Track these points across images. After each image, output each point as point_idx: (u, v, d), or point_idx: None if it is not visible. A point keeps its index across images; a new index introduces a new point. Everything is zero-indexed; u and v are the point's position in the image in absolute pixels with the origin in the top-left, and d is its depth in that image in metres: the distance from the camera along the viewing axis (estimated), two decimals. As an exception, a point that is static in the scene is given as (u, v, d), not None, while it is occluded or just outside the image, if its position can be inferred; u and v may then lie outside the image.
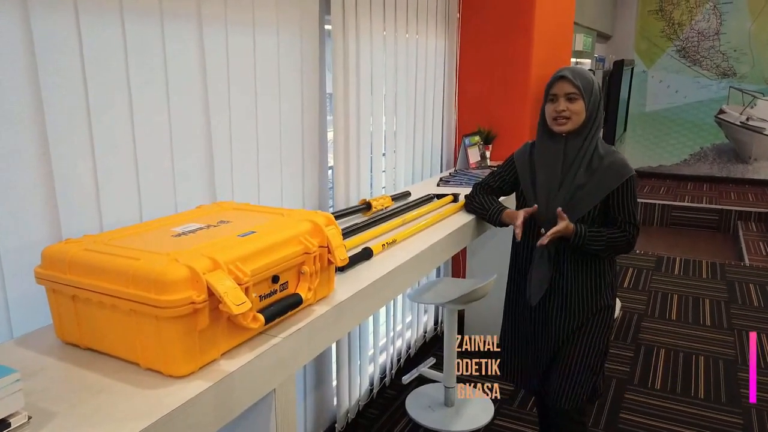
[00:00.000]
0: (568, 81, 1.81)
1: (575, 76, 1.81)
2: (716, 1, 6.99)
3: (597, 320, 1.91)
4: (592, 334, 1.91)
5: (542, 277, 1.91)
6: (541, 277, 1.92)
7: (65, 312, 1.11)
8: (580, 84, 1.80)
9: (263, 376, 1.13)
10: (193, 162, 1.63)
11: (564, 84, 1.82)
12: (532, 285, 1.95)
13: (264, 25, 1.82)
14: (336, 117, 2.22)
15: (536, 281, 1.93)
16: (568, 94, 1.81)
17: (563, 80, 1.82)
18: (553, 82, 1.85)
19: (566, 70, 1.83)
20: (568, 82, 1.81)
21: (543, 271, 1.91)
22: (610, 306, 1.93)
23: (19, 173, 1.22)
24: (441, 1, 3.01)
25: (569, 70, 1.84)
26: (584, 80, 1.82)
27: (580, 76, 1.82)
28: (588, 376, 1.90)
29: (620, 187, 1.82)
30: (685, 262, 4.88)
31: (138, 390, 0.98)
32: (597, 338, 1.91)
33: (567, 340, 1.93)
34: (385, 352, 2.95)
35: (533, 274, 1.94)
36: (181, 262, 1.00)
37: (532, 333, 2.01)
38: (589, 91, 1.83)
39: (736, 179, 7.31)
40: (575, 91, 1.80)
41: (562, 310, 1.92)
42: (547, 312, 1.95)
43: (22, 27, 1.19)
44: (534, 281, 1.94)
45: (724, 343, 3.40)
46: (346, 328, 1.39)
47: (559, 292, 1.92)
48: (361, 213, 2.09)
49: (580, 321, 1.91)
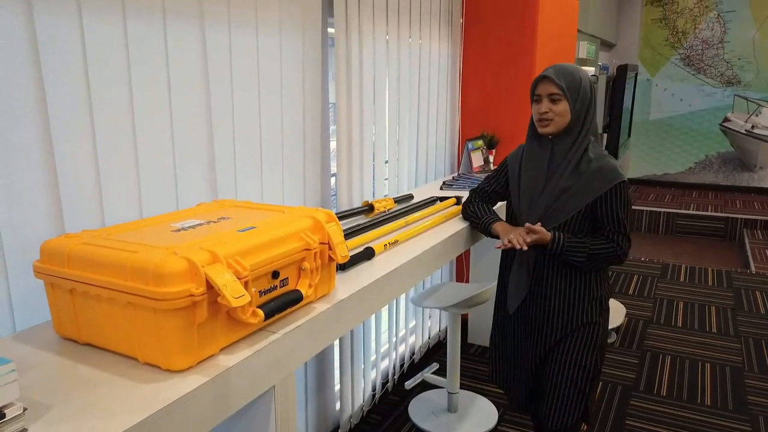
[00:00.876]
0: (551, 81, 1.71)
1: (559, 75, 1.72)
2: (720, 9, 7.00)
3: (580, 336, 1.80)
4: (575, 350, 1.81)
5: (519, 285, 1.84)
6: (517, 284, 1.85)
7: (63, 306, 1.10)
8: (564, 84, 1.71)
9: (262, 373, 1.12)
10: (194, 161, 1.63)
11: (547, 84, 1.73)
12: (510, 292, 1.89)
13: (267, 26, 1.83)
14: (339, 119, 2.21)
15: (513, 288, 1.87)
16: (551, 94, 1.72)
17: (546, 80, 1.73)
18: (537, 82, 1.76)
19: (550, 70, 1.74)
20: (550, 83, 1.72)
21: (521, 278, 1.84)
22: (595, 323, 1.81)
23: (23, 171, 1.22)
24: (444, 7, 3.02)
25: (553, 69, 1.74)
26: (569, 79, 1.72)
27: (564, 75, 1.72)
28: (575, 396, 1.81)
29: (608, 192, 1.71)
30: (690, 269, 4.85)
31: (135, 384, 0.97)
32: (580, 355, 1.80)
33: (548, 355, 1.85)
34: (387, 358, 2.93)
35: (511, 281, 1.88)
36: (180, 255, 0.99)
37: (512, 343, 1.95)
38: (575, 91, 1.72)
39: (741, 187, 7.28)
40: (557, 92, 1.71)
41: (542, 321, 1.83)
42: (528, 322, 1.87)
43: (26, 25, 1.20)
44: (511, 288, 1.88)
45: (731, 350, 3.36)
46: (347, 327, 1.37)
47: (539, 303, 1.83)
48: (363, 215, 2.08)
49: (559, 334, 1.81)
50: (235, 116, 1.75)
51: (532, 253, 1.80)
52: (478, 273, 3.25)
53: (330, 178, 2.30)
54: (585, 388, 1.82)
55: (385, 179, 2.66)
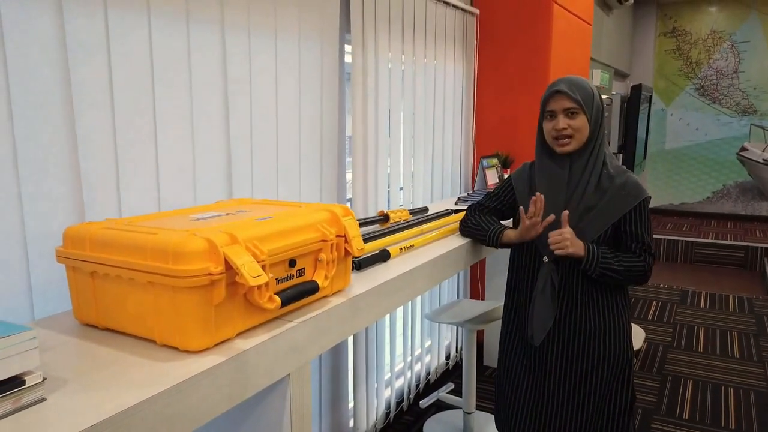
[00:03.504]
0: (566, 95, 1.62)
1: (573, 88, 1.63)
2: (733, 40, 7.04)
3: (613, 367, 1.69)
4: (609, 385, 1.68)
5: (545, 312, 1.69)
6: (543, 311, 1.70)
7: (84, 290, 1.11)
8: (580, 96, 1.62)
9: (278, 359, 1.11)
10: (212, 163, 1.66)
11: (561, 99, 1.63)
12: (534, 322, 1.71)
13: (285, 32, 1.88)
14: (355, 138, 2.25)
15: (539, 317, 1.70)
16: (567, 109, 1.63)
17: (560, 95, 1.63)
18: (549, 97, 1.66)
19: (562, 83, 1.64)
20: (565, 97, 1.62)
21: (545, 303, 1.69)
22: (627, 354, 1.70)
23: (49, 166, 1.25)
24: (459, 27, 3.08)
25: (565, 82, 1.65)
26: (583, 92, 1.64)
27: (578, 87, 1.64)
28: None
29: (634, 209, 1.64)
30: (711, 295, 4.76)
31: (152, 362, 0.98)
32: (618, 392, 1.68)
33: (574, 394, 1.70)
34: (403, 377, 2.89)
35: (535, 310, 1.71)
36: (200, 236, 1.01)
37: (530, 384, 1.78)
38: (590, 103, 1.64)
39: (761, 217, 7.18)
40: (575, 106, 1.62)
41: (566, 354, 1.70)
42: (547, 357, 1.73)
43: (57, 28, 1.25)
44: (537, 317, 1.71)
45: (755, 375, 3.27)
46: (362, 323, 1.37)
47: (562, 332, 1.70)
48: (378, 224, 2.09)
49: (588, 366, 1.69)
50: (254, 120, 1.78)
51: (555, 272, 1.69)
52: (494, 291, 3.22)
53: (345, 191, 2.32)
54: (625, 425, 1.72)
55: (400, 205, 2.68)
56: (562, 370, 1.73)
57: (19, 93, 1.19)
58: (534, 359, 1.78)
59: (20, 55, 1.19)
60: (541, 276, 1.72)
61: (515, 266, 1.86)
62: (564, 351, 1.72)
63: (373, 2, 2.27)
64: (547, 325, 1.70)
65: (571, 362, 1.72)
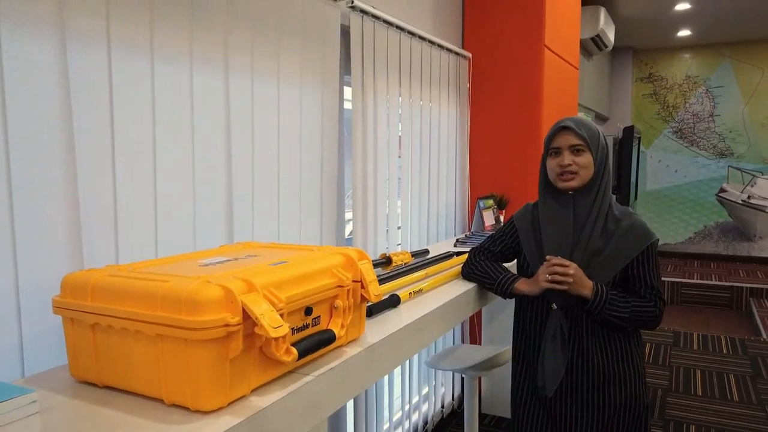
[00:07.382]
0: (572, 132, 1.61)
1: (579, 126, 1.62)
2: (708, 85, 7.26)
3: (631, 415, 1.63)
4: None
5: (557, 360, 1.63)
6: (554, 363, 1.64)
7: (83, 344, 1.02)
8: (586, 134, 1.61)
9: (296, 418, 1.02)
10: (213, 206, 1.59)
11: (567, 135, 1.62)
12: (546, 372, 1.65)
13: (288, 75, 1.84)
14: (355, 182, 2.20)
15: (549, 368, 1.65)
16: (573, 146, 1.62)
17: (566, 131, 1.62)
18: (554, 133, 1.65)
19: (569, 120, 1.64)
20: (572, 133, 1.62)
21: (556, 351, 1.64)
22: (644, 401, 1.65)
23: (44, 209, 1.17)
24: (453, 71, 3.09)
25: (572, 120, 1.64)
26: (589, 131, 1.64)
27: (584, 126, 1.64)
28: None
29: (642, 253, 1.61)
30: (703, 336, 4.74)
31: (159, 425, 0.88)
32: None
33: None
34: (401, 427, 2.77)
35: (546, 359, 1.66)
36: (215, 283, 0.93)
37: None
38: (596, 142, 1.63)
39: (743, 257, 7.26)
40: (581, 143, 1.61)
41: (581, 404, 1.65)
42: (562, 408, 1.67)
43: (59, 63, 1.19)
44: (548, 368, 1.65)
45: (758, 420, 3.21)
46: (379, 374, 1.29)
47: (574, 382, 1.64)
48: (381, 267, 2.02)
49: (606, 417, 1.63)
50: (256, 164, 1.73)
51: (565, 320, 1.64)
52: (492, 335, 3.14)
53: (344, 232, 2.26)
54: None
55: (398, 244, 2.63)
56: (580, 421, 1.66)
57: (17, 135, 1.12)
58: (548, 410, 1.71)
59: (21, 94, 1.12)
60: (550, 324, 1.66)
61: (522, 312, 1.80)
62: (579, 401, 1.66)
63: (372, 46, 2.26)
64: (559, 375, 1.64)
65: (590, 413, 1.65)
